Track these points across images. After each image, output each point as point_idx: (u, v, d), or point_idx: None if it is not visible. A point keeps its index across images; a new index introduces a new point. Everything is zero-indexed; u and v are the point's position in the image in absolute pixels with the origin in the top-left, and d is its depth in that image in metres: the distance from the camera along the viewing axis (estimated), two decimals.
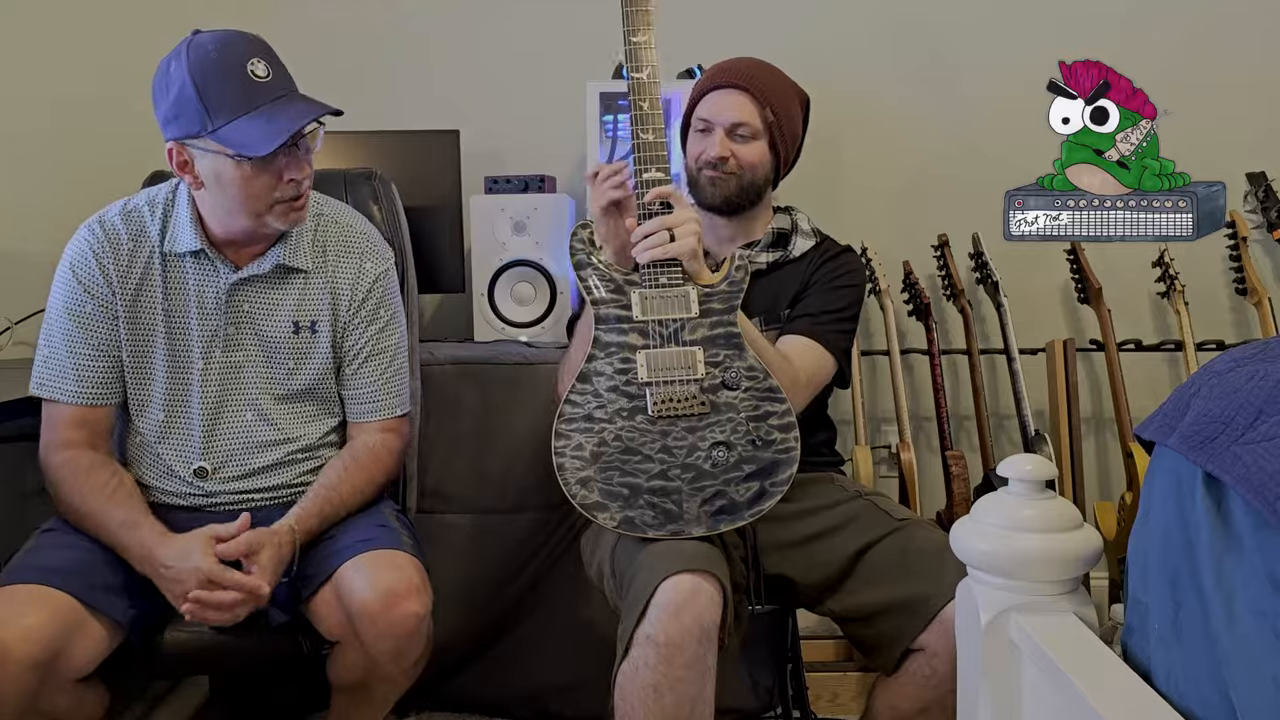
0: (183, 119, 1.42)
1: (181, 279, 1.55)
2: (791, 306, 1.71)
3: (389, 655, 1.41)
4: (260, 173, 1.44)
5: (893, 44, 2.53)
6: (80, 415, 1.52)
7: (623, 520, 1.42)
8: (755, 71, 1.70)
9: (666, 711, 1.32)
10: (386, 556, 1.44)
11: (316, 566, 1.47)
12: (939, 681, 1.40)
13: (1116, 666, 0.88)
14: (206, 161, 1.44)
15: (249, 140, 1.40)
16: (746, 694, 2.02)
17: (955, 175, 2.56)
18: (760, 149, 1.68)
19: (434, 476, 2.04)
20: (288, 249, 1.56)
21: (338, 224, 1.64)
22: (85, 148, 2.51)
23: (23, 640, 1.27)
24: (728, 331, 1.51)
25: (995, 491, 1.04)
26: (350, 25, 2.55)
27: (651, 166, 1.53)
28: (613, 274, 1.53)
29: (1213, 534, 0.80)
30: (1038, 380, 2.40)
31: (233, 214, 1.49)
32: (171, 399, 1.55)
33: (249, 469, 1.58)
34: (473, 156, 2.36)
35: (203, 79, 1.40)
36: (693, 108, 1.72)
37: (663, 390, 1.47)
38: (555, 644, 2.03)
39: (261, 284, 1.57)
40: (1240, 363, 0.89)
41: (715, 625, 1.33)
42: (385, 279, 1.65)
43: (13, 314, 2.36)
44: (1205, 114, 2.52)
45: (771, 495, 1.44)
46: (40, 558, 1.42)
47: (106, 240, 1.52)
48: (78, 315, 1.51)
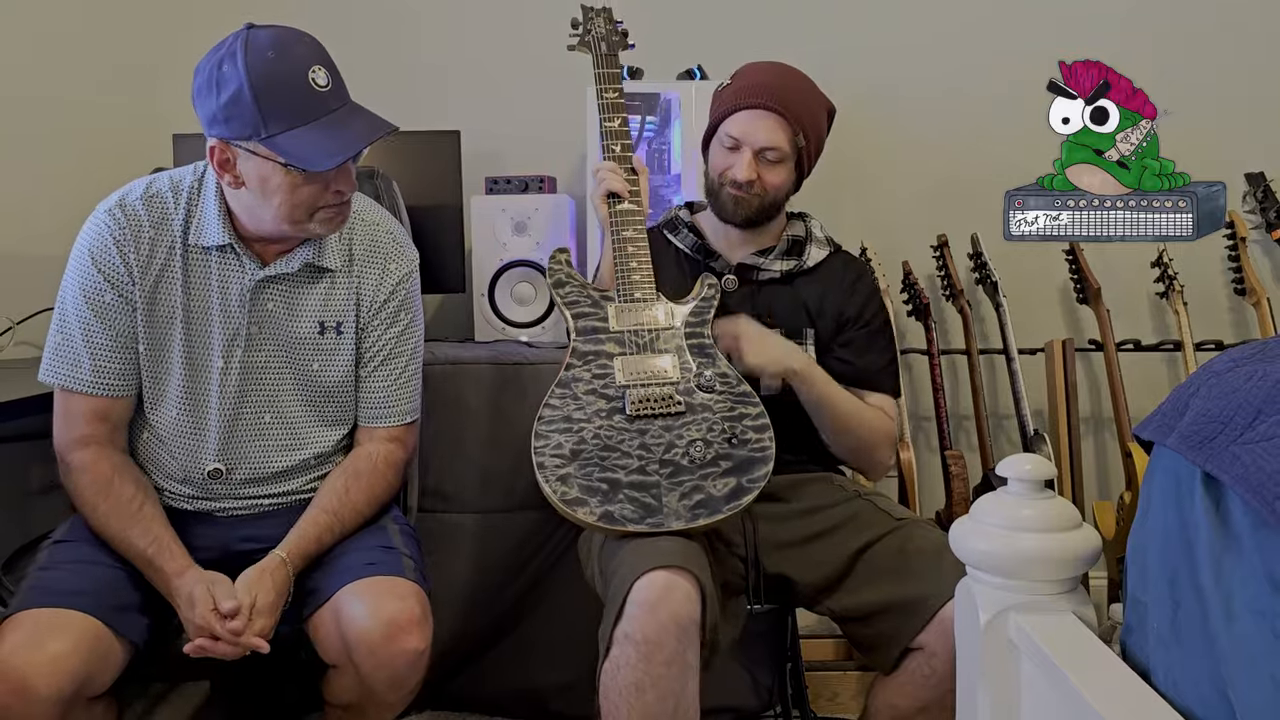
0: (234, 121, 1.34)
1: (205, 273, 1.48)
2: (812, 324, 1.71)
3: (385, 685, 1.38)
4: (308, 183, 1.39)
5: (892, 43, 2.54)
6: (99, 407, 1.46)
7: (603, 515, 1.43)
8: (789, 92, 1.64)
9: (649, 709, 1.32)
10: (389, 584, 1.40)
11: (319, 583, 1.44)
12: (937, 681, 1.40)
13: (1115, 666, 0.88)
14: (252, 164, 1.38)
15: (307, 154, 1.34)
16: (746, 693, 2.02)
17: (955, 175, 2.56)
18: (787, 171, 1.66)
19: (434, 476, 2.04)
20: (316, 249, 1.51)
21: (365, 222, 1.59)
22: (87, 148, 2.51)
23: (50, 672, 1.22)
24: (700, 343, 1.58)
25: (994, 491, 1.04)
26: (351, 25, 2.55)
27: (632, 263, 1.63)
28: (590, 291, 1.62)
29: (1211, 534, 0.81)
30: (1037, 380, 2.40)
31: (273, 219, 1.43)
32: (189, 397, 1.50)
33: (263, 473, 1.54)
34: (473, 157, 2.36)
35: (262, 84, 1.32)
36: (721, 119, 1.66)
37: (639, 391, 1.52)
38: (555, 643, 2.03)
39: (287, 283, 1.52)
40: (1239, 363, 0.89)
41: (693, 621, 1.33)
42: (409, 281, 1.61)
43: (14, 314, 2.36)
44: (1205, 114, 2.53)
45: (748, 491, 1.45)
46: (61, 579, 1.37)
47: (128, 226, 1.44)
48: (96, 304, 1.44)
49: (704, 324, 1.60)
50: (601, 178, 1.68)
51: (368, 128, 1.40)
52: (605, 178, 1.67)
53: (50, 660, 1.22)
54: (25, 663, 1.22)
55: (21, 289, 2.28)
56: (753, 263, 1.70)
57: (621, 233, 1.64)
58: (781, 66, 1.69)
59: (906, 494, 2.31)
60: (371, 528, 1.54)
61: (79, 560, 1.41)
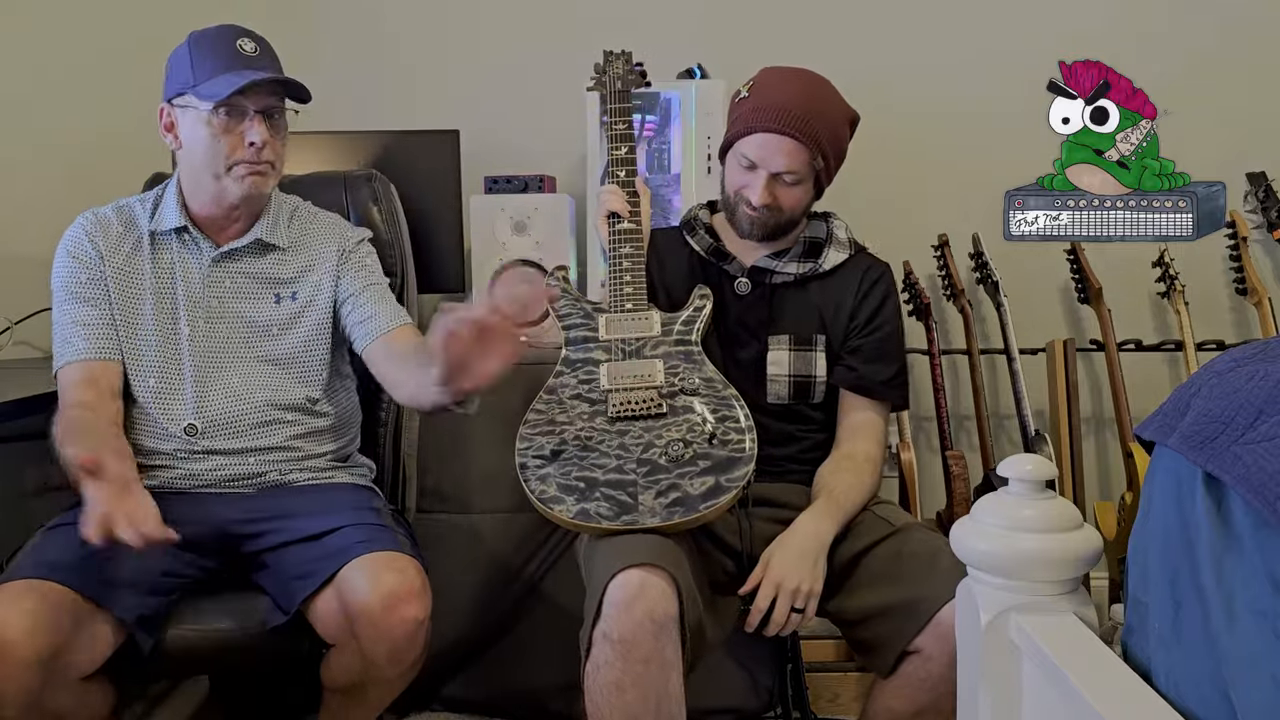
0: (173, 79, 1.56)
1: (168, 255, 1.64)
2: (823, 329, 1.68)
3: (386, 657, 1.41)
4: (226, 132, 1.53)
5: (893, 43, 2.53)
6: (89, 371, 1.56)
7: (578, 512, 1.43)
8: (811, 115, 1.56)
9: (631, 708, 1.32)
10: (387, 558, 1.44)
11: (315, 566, 1.46)
12: (934, 684, 1.39)
13: (1116, 666, 0.88)
14: (187, 119, 1.55)
15: (217, 89, 1.50)
16: (746, 694, 2.01)
17: (955, 175, 2.56)
18: (804, 189, 1.63)
19: (434, 476, 2.04)
20: (266, 226, 1.65)
21: (311, 212, 1.74)
22: (86, 150, 2.51)
23: (26, 636, 1.26)
24: (688, 350, 1.60)
25: (995, 491, 1.04)
26: (351, 25, 2.55)
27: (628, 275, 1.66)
28: (583, 304, 1.68)
29: (1213, 534, 0.80)
30: (1038, 380, 2.40)
31: (200, 175, 1.58)
32: (163, 363, 1.60)
33: (238, 428, 1.60)
34: (473, 156, 2.35)
35: (196, 45, 1.55)
36: (738, 136, 1.61)
37: (622, 395, 1.54)
38: (555, 644, 2.02)
39: (242, 260, 1.65)
40: (1240, 363, 0.89)
41: (670, 618, 1.33)
42: (365, 244, 1.74)
43: (13, 314, 2.36)
44: (1205, 114, 2.52)
45: (726, 490, 1.44)
46: (43, 554, 1.42)
47: (98, 223, 1.63)
48: (74, 287, 1.60)
49: (691, 330, 1.62)
50: (604, 200, 1.70)
51: (271, 73, 1.55)
52: (607, 200, 1.70)
53: (25, 625, 1.27)
54: (2, 624, 1.27)
55: (21, 289, 2.28)
56: (766, 265, 1.68)
57: (620, 249, 1.67)
58: (803, 80, 1.62)
59: (907, 494, 2.31)
60: (363, 511, 1.58)
61: (67, 540, 1.43)
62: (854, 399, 1.67)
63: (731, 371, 1.64)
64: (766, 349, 1.67)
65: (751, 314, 1.68)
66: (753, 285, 1.69)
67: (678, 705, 1.35)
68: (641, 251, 1.67)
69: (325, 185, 1.84)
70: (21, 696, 1.27)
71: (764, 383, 1.66)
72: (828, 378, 1.67)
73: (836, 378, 1.67)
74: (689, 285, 1.69)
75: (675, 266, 1.73)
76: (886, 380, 1.67)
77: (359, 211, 1.85)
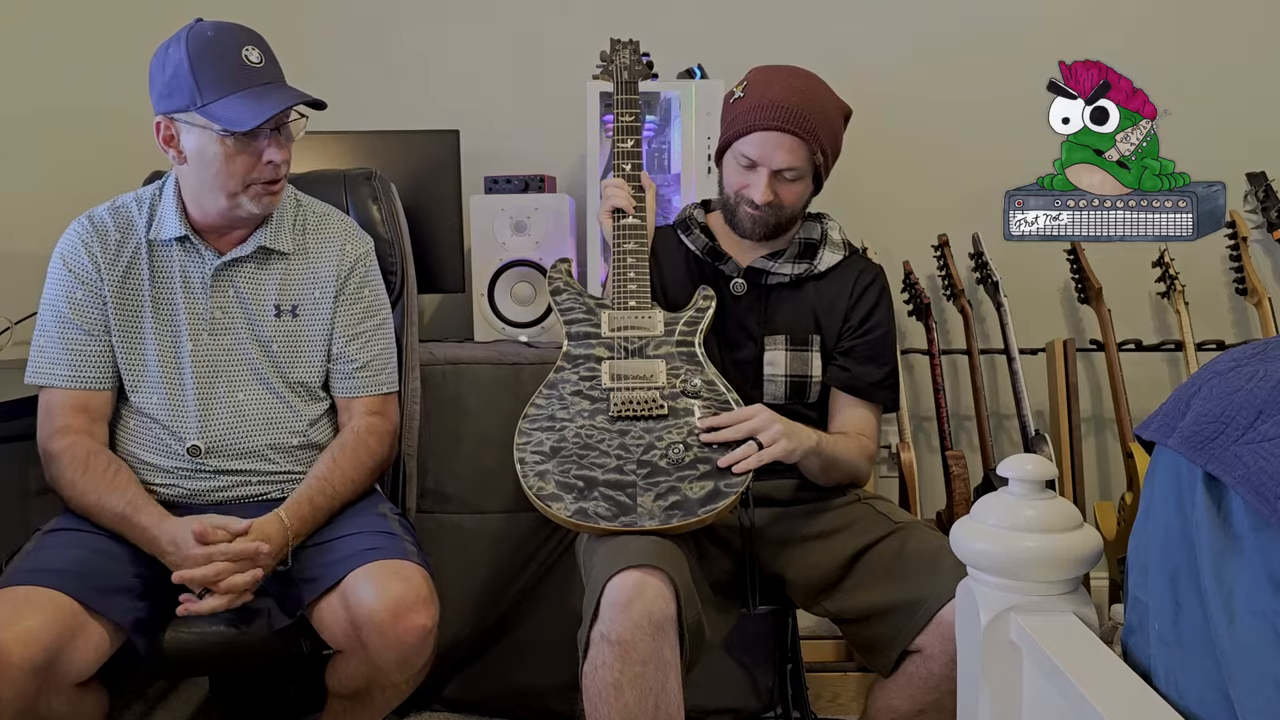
0: (175, 95, 1.47)
1: (168, 265, 1.59)
2: (818, 329, 1.69)
3: (394, 665, 1.40)
4: (241, 151, 1.48)
5: (893, 43, 2.53)
6: (77, 400, 1.54)
7: (576, 511, 1.43)
8: (808, 112, 1.58)
9: (629, 708, 1.32)
10: (394, 566, 1.42)
11: (322, 571, 1.46)
12: (935, 683, 1.39)
13: (1116, 666, 0.88)
14: (192, 137, 1.49)
15: (236, 116, 1.45)
16: (747, 694, 2.01)
17: (955, 175, 2.56)
18: (804, 186, 1.64)
19: (434, 476, 2.04)
20: (269, 232, 1.60)
21: (315, 213, 1.69)
22: (85, 150, 2.51)
23: (22, 643, 1.25)
24: (690, 351, 1.60)
25: (995, 491, 1.04)
26: (350, 25, 2.55)
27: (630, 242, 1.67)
28: (585, 299, 1.66)
29: (1213, 534, 0.80)
30: (1038, 380, 2.40)
31: (211, 191, 1.52)
32: (166, 380, 1.57)
33: (241, 449, 1.58)
34: (473, 156, 2.36)
35: (198, 57, 1.46)
36: (736, 136, 1.61)
37: (624, 394, 1.54)
38: (556, 644, 2.02)
39: (245, 267, 1.60)
40: (1240, 363, 0.89)
41: (668, 619, 1.33)
42: (366, 260, 1.69)
43: (12, 314, 2.36)
44: (1205, 114, 2.52)
45: (725, 495, 1.44)
46: (40, 559, 1.41)
47: (94, 231, 1.57)
48: (69, 301, 1.55)
49: (696, 333, 1.62)
50: (609, 194, 1.70)
51: (293, 95, 1.50)
52: (612, 194, 1.69)
53: (23, 632, 1.26)
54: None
55: (20, 289, 2.28)
56: (762, 266, 1.69)
57: (623, 245, 1.67)
58: (797, 78, 1.62)
59: (907, 494, 2.31)
60: (369, 516, 1.56)
61: (64, 545, 1.44)
62: (845, 398, 1.68)
63: (729, 371, 1.64)
64: (763, 349, 1.68)
65: (748, 314, 1.69)
66: (749, 286, 1.69)
67: (676, 706, 1.35)
68: (645, 248, 1.67)
69: (325, 185, 1.84)
70: (17, 703, 1.25)
71: (761, 383, 1.67)
72: (822, 378, 1.68)
73: (829, 378, 1.67)
74: (685, 284, 1.69)
75: (672, 266, 1.73)
76: (878, 382, 1.68)
77: (359, 211, 1.85)
